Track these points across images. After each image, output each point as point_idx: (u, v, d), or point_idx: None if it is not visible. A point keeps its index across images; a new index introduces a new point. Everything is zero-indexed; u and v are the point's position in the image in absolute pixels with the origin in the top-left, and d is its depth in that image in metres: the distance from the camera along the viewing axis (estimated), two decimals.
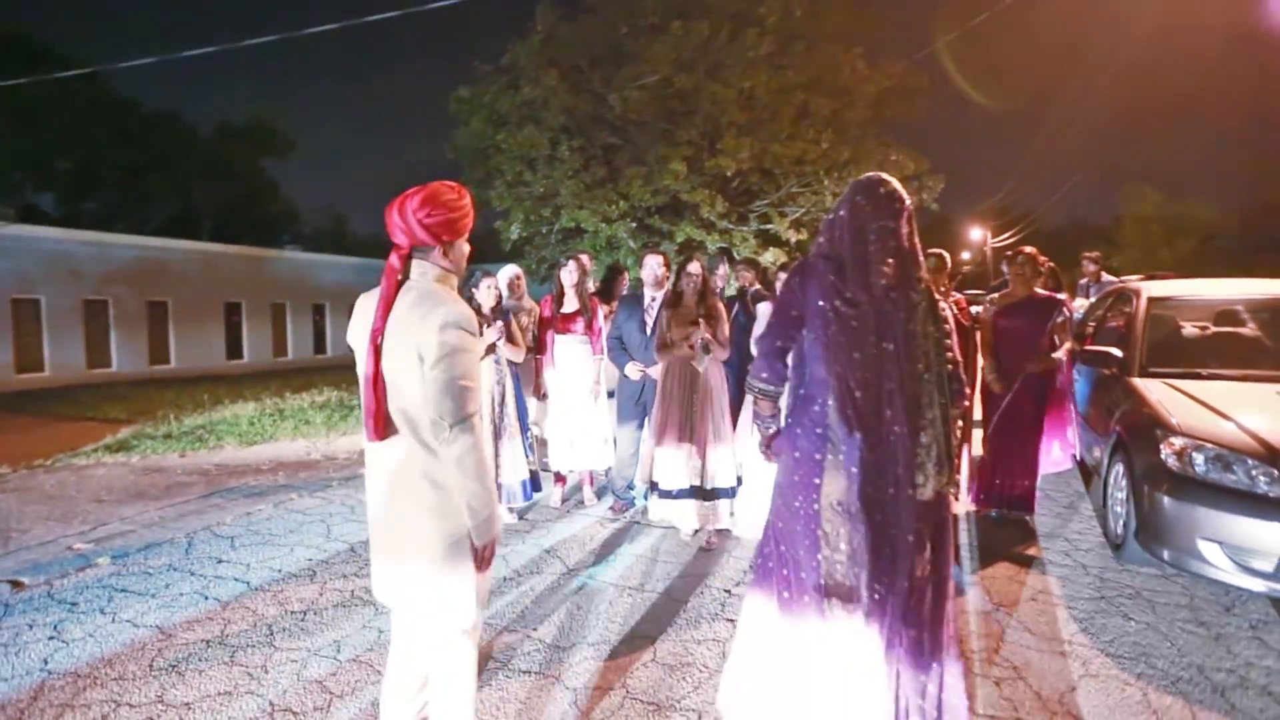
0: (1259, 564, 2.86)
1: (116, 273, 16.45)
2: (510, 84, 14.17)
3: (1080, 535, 4.06)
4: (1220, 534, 2.92)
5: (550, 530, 4.39)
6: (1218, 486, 2.98)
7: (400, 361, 1.79)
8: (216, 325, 18.71)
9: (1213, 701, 2.48)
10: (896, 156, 13.68)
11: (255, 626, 3.21)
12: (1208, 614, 3.12)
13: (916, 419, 1.83)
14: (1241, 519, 2.87)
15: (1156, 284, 4.56)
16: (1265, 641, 2.88)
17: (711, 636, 2.99)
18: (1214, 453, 3.03)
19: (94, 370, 15.96)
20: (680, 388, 3.98)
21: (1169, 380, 3.66)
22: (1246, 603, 3.21)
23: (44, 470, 6.40)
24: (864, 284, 1.87)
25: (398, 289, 1.85)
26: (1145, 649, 2.82)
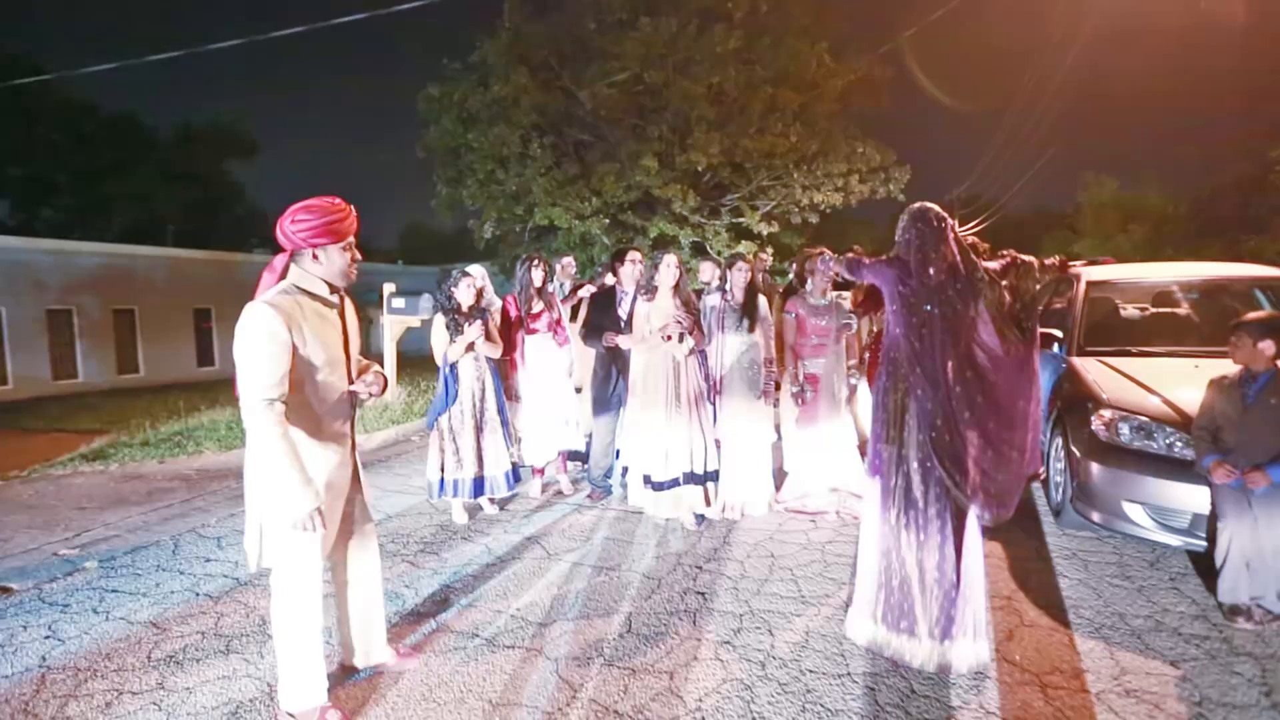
0: (1176, 521, 3.15)
1: (80, 281, 16.19)
2: (480, 82, 14.19)
3: (1024, 504, 4.35)
4: (1143, 496, 3.21)
5: (531, 519, 4.57)
6: (1141, 453, 3.27)
7: None
8: (186, 332, 18.49)
9: (1130, 643, 2.76)
10: (863, 149, 13.99)
11: (248, 617, 3.35)
12: (1134, 569, 3.41)
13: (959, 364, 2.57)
14: (1161, 481, 3.16)
15: (1095, 269, 4.86)
16: (1181, 590, 3.17)
17: (683, 608, 3.21)
18: (1137, 422, 3.31)
19: (59, 382, 15.71)
20: (662, 379, 4.11)
21: (1103, 358, 3.96)
22: (1169, 558, 3.51)
23: (20, 480, 6.41)
24: (922, 279, 2.63)
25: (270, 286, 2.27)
26: (1075, 601, 3.10)
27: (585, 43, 14.22)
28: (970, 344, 2.57)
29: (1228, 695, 2.43)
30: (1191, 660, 2.64)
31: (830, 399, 4.24)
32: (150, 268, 17.74)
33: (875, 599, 2.71)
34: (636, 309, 4.19)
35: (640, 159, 13.27)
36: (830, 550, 3.80)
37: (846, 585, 3.35)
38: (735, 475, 4.29)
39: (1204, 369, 3.53)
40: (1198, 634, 2.82)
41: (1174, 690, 2.46)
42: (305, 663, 2.40)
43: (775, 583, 3.42)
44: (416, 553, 4.07)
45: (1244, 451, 2.80)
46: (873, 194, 14.21)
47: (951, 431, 2.54)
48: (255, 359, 2.14)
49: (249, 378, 2.13)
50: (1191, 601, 3.08)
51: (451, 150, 14.59)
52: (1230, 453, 2.83)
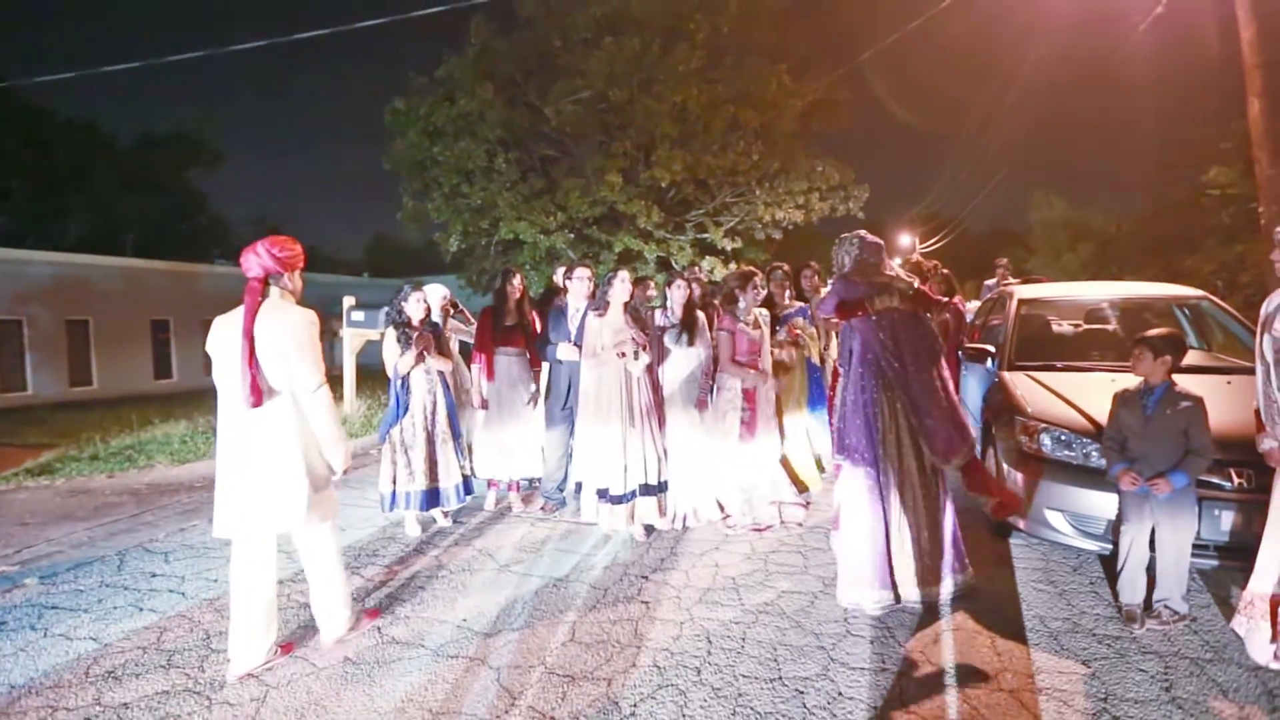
0: (1093, 527, 3.32)
1: (32, 291, 15.77)
2: (446, 96, 14.24)
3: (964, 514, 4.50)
4: (1063, 503, 3.38)
5: (483, 532, 4.61)
6: (1061, 463, 3.45)
7: (273, 345, 2.76)
8: (143, 344, 18.08)
9: (1047, 645, 2.91)
10: (823, 167, 14.32)
11: (192, 632, 3.34)
12: (1057, 574, 3.58)
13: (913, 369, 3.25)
14: (1078, 489, 3.33)
15: (1027, 287, 5.09)
16: (1099, 594, 3.35)
17: (626, 617, 3.28)
18: (1058, 434, 3.49)
19: (7, 394, 15.24)
20: (616, 394, 4.17)
21: (1031, 373, 4.15)
22: (1090, 563, 3.69)
23: None
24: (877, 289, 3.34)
25: (259, 304, 2.81)
26: (999, 605, 3.25)
27: (551, 60, 14.39)
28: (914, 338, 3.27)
29: (1131, 691, 2.58)
30: (1102, 659, 2.79)
31: (765, 414, 4.36)
32: (106, 278, 17.35)
33: (879, 565, 3.19)
34: (588, 324, 4.28)
35: (605, 174, 13.42)
36: (773, 560, 3.91)
37: (786, 593, 3.46)
38: (682, 484, 4.38)
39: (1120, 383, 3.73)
40: (1110, 635, 2.98)
41: (1083, 687, 2.61)
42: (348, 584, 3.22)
43: (717, 591, 3.52)
44: (366, 565, 4.09)
45: (1147, 460, 2.98)
46: (833, 211, 14.54)
47: (916, 406, 3.18)
48: (317, 351, 2.86)
49: (315, 364, 2.85)
50: (1108, 604, 3.24)
51: (417, 164, 14.58)
52: (1136, 461, 3.01)
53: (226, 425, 2.85)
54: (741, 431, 4.29)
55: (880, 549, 3.21)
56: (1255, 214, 9.43)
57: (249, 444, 2.80)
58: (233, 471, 2.85)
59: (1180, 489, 2.91)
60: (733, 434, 4.28)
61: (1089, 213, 24.57)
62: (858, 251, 3.39)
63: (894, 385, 3.25)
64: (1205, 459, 2.94)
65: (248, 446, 2.80)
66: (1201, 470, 2.96)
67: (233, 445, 2.84)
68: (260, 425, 2.78)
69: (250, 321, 2.74)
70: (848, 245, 3.43)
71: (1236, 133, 12.90)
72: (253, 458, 2.80)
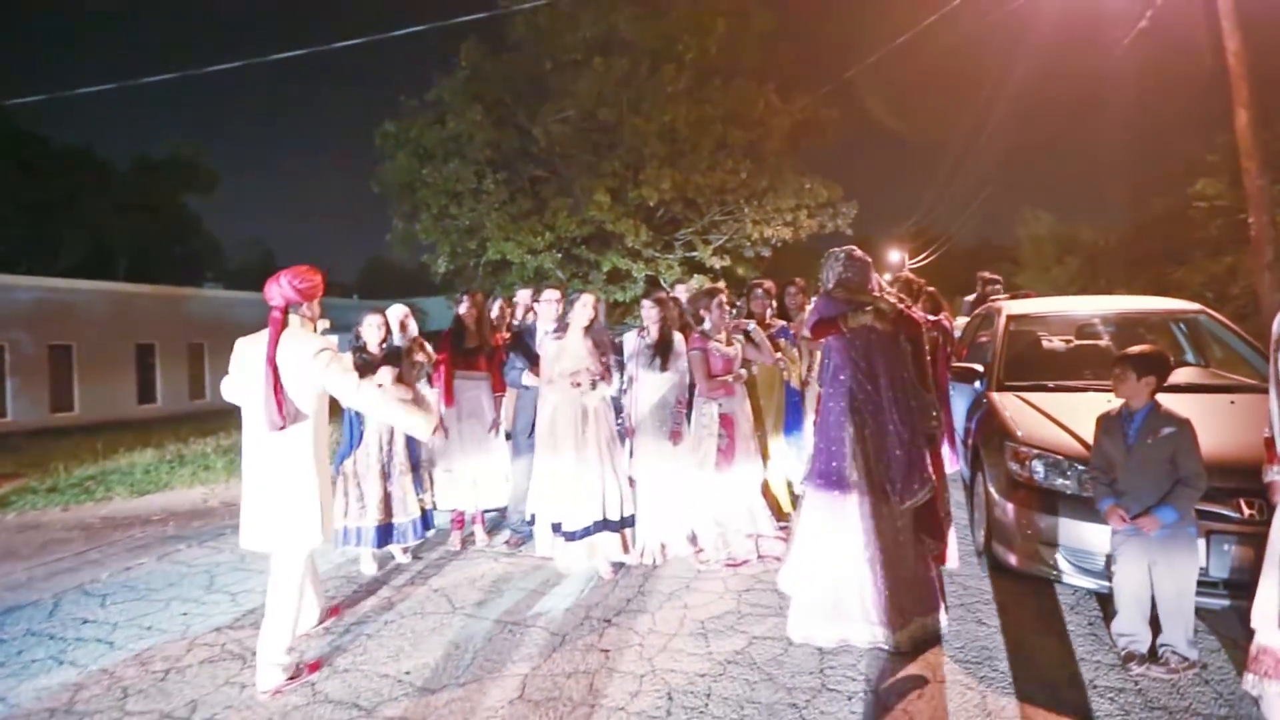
0: (1091, 563, 3.05)
1: (13, 316, 15.54)
2: (436, 119, 14.16)
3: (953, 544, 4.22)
4: (1058, 537, 3.11)
5: (442, 569, 4.32)
6: (1055, 492, 3.18)
7: (293, 371, 2.90)
8: (127, 369, 17.82)
9: (1044, 699, 2.62)
10: (811, 185, 14.21)
11: (109, 690, 3.06)
12: (1053, 615, 3.30)
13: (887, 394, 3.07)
14: (1075, 522, 3.06)
15: (1015, 303, 4.85)
16: (1099, 637, 3.06)
17: (583, 669, 2.99)
18: (1051, 460, 3.23)
19: None
20: (570, 423, 3.94)
21: (1021, 393, 3.90)
22: (1089, 600, 3.40)
23: None
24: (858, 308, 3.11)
25: (280, 334, 2.93)
26: (991, 653, 2.96)
27: (540, 81, 14.34)
28: (890, 361, 3.10)
29: None
30: (1104, 716, 2.51)
31: (744, 441, 4.10)
32: (91, 302, 17.15)
33: (840, 600, 2.99)
34: (544, 347, 4.04)
35: (593, 194, 13.29)
36: (747, 600, 3.62)
37: (758, 640, 3.18)
38: (652, 518, 4.11)
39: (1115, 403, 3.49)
40: (1113, 686, 2.70)
41: None
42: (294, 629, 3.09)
43: (683, 637, 3.23)
44: None
45: (1134, 494, 2.72)
46: (821, 228, 14.41)
47: (883, 433, 3.03)
48: (340, 361, 3.04)
49: (343, 373, 3.00)
50: (1109, 649, 2.96)
51: (406, 185, 14.47)
52: (1124, 494, 2.75)
53: (249, 444, 2.99)
54: (718, 460, 4.02)
55: (838, 581, 3.01)
56: (1244, 225, 9.23)
57: (268, 463, 2.96)
58: (255, 488, 2.98)
59: (1172, 524, 2.64)
60: (709, 462, 4.01)
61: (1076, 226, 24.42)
62: (841, 268, 3.22)
63: (863, 409, 3.04)
64: (1197, 489, 2.68)
65: (267, 465, 2.96)
66: (1194, 501, 2.70)
67: (255, 463, 2.98)
68: (279, 446, 2.93)
69: (273, 350, 2.89)
70: (833, 261, 3.26)
71: (1222, 145, 12.76)
72: (271, 476, 2.96)
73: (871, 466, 3.01)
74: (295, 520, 2.94)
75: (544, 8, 13.36)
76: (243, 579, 4.34)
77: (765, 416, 4.51)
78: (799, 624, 3.10)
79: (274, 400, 2.83)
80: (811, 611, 3.06)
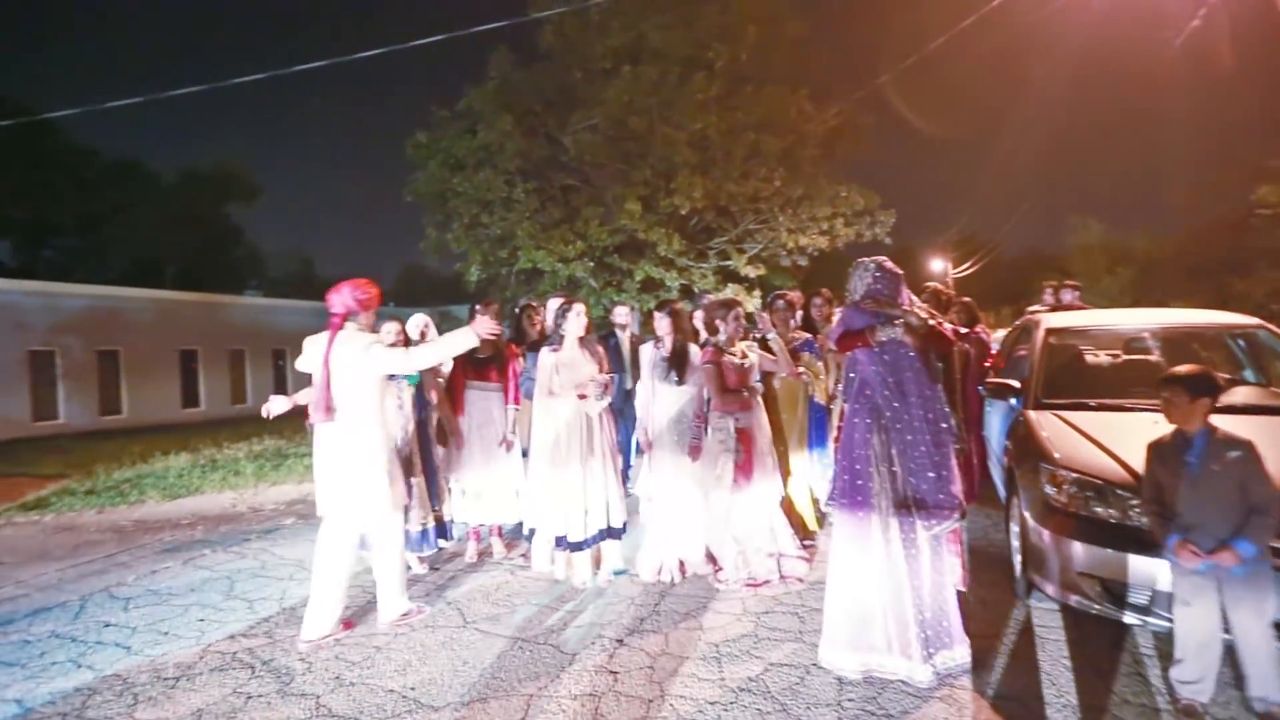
0: (1135, 597, 2.84)
1: (65, 323, 16.13)
2: (467, 129, 14.30)
3: (986, 570, 4.02)
4: (1098, 568, 2.91)
5: (457, 580, 4.27)
6: (1093, 519, 2.98)
7: (347, 369, 3.37)
8: (171, 374, 18.35)
9: None
10: (847, 193, 13.97)
11: (120, 696, 3.06)
12: (1095, 648, 3.08)
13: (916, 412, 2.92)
14: (1116, 553, 2.86)
15: (1055, 315, 4.62)
16: (1144, 677, 2.84)
17: (590, 691, 2.89)
18: (1089, 485, 3.03)
19: (39, 423, 15.52)
20: (576, 436, 3.88)
21: (1060, 412, 3.69)
22: (1135, 636, 3.18)
23: None
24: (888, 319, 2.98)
25: (335, 337, 3.40)
26: (1022, 689, 2.77)
27: (570, 90, 14.39)
28: (919, 378, 2.93)
29: None
30: None
31: (761, 456, 3.96)
32: (137, 309, 17.71)
33: (866, 627, 2.85)
34: (541, 360, 3.96)
35: (624, 203, 13.25)
36: (765, 622, 3.48)
37: (774, 667, 3.04)
38: (670, 534, 3.99)
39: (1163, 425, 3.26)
40: None
41: None
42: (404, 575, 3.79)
43: (696, 661, 3.11)
44: None
45: (1202, 528, 2.47)
46: (859, 237, 14.14)
47: (909, 455, 2.87)
48: (387, 352, 3.45)
49: (390, 355, 3.44)
50: (1155, 690, 2.75)
51: (438, 195, 14.62)
52: (1190, 529, 2.51)
53: (322, 429, 3.45)
54: (736, 476, 3.89)
55: (864, 608, 2.86)
56: None
57: (340, 446, 3.41)
58: (329, 468, 3.45)
59: (1252, 559, 2.41)
60: (726, 479, 3.88)
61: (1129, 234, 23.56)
62: (871, 279, 3.06)
63: (889, 427, 2.89)
64: (1273, 517, 2.44)
65: (342, 448, 3.41)
66: (1271, 532, 2.43)
67: (328, 446, 3.44)
68: (349, 431, 3.40)
69: (329, 351, 3.37)
70: (861, 271, 3.10)
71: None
72: (346, 458, 3.41)
73: (898, 487, 2.86)
74: (369, 493, 3.41)
75: (573, 17, 13.43)
76: (261, 586, 4.35)
77: (787, 431, 4.37)
78: (826, 648, 2.96)
79: (324, 394, 3.34)
80: (837, 637, 2.92)
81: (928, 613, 2.82)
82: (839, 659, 2.90)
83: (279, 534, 5.58)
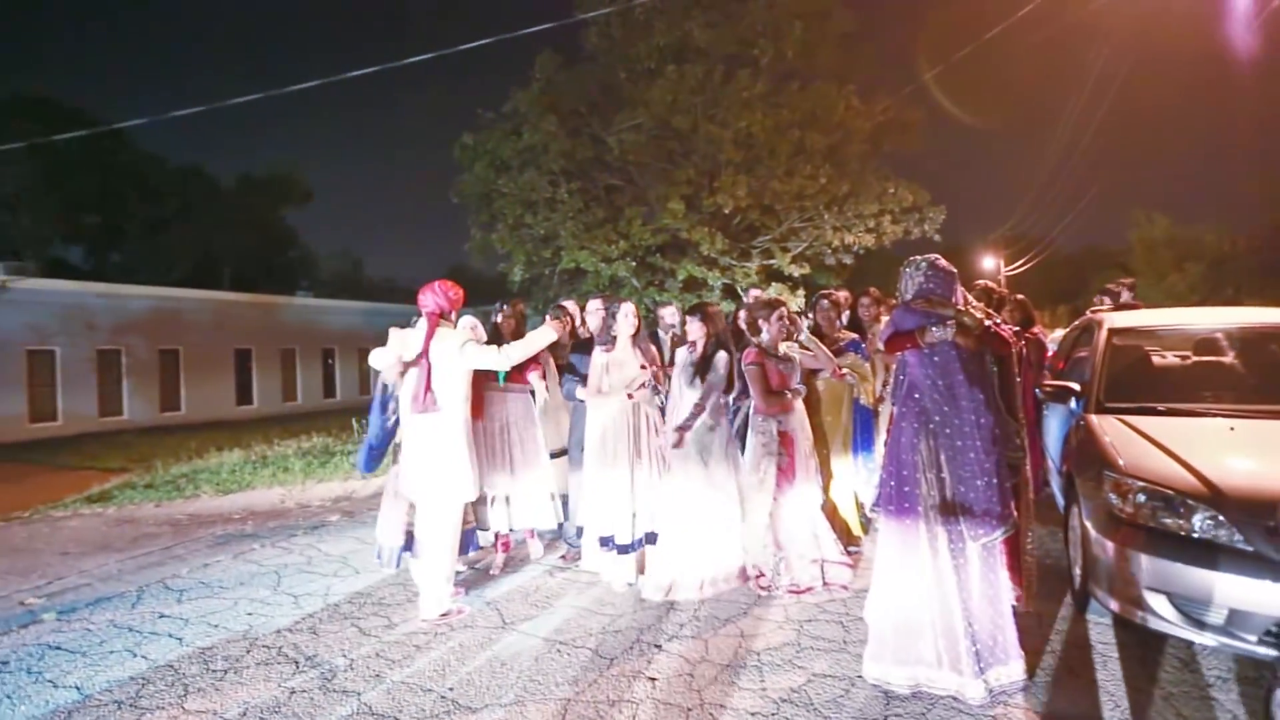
0: (1210, 616, 2.66)
1: (130, 323, 16.87)
2: (512, 130, 14.45)
3: (1044, 581, 3.82)
4: (1167, 583, 2.73)
5: (497, 580, 4.28)
6: (1163, 532, 2.80)
7: (443, 364, 3.57)
8: (227, 372, 19.03)
9: None
10: (895, 189, 13.66)
11: (172, 686, 3.14)
12: (1164, 669, 2.90)
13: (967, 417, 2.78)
14: (1188, 567, 2.68)
15: (1119, 315, 4.39)
16: (1219, 702, 2.65)
17: (628, 698, 2.85)
18: (1158, 494, 2.85)
19: (105, 419, 16.26)
20: (625, 437, 3.84)
21: (1124, 416, 3.49)
22: (1208, 657, 2.98)
23: (20, 522, 6.45)
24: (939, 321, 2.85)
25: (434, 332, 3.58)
26: (1085, 710, 2.62)
27: (614, 91, 14.40)
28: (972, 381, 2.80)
29: None
30: None
31: (804, 459, 3.84)
32: (196, 310, 18.41)
33: (914, 640, 2.74)
34: (594, 360, 3.93)
35: (668, 202, 13.20)
36: (808, 631, 3.38)
37: (818, 678, 2.94)
38: (684, 549, 3.81)
39: (1240, 431, 3.06)
40: None
41: None
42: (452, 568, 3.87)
43: (736, 669, 3.03)
44: (370, 614, 3.83)
45: None
46: (907, 235, 13.80)
47: (958, 461, 2.74)
48: (479, 348, 3.67)
49: (483, 351, 3.66)
50: (1234, 717, 2.57)
51: (484, 196, 14.81)
52: None
53: (412, 419, 3.63)
54: (778, 480, 3.79)
55: (911, 619, 2.75)
56: None
57: (430, 434, 3.59)
58: (416, 454, 3.63)
59: None
60: (769, 483, 3.78)
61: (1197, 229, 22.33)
62: (922, 278, 2.93)
63: (938, 433, 2.77)
64: None
65: (429, 436, 3.60)
66: None
67: (417, 433, 3.63)
68: (438, 421, 3.58)
69: (428, 343, 3.55)
70: (913, 270, 2.98)
71: None
72: (433, 444, 3.59)
73: (946, 495, 2.74)
74: (453, 479, 3.60)
75: (618, 17, 13.43)
76: (306, 581, 4.43)
77: (831, 435, 4.25)
78: (872, 661, 2.85)
79: (425, 386, 3.51)
80: (884, 649, 2.82)
81: (978, 625, 2.70)
82: (886, 672, 2.79)
83: (324, 530, 5.70)
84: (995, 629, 2.70)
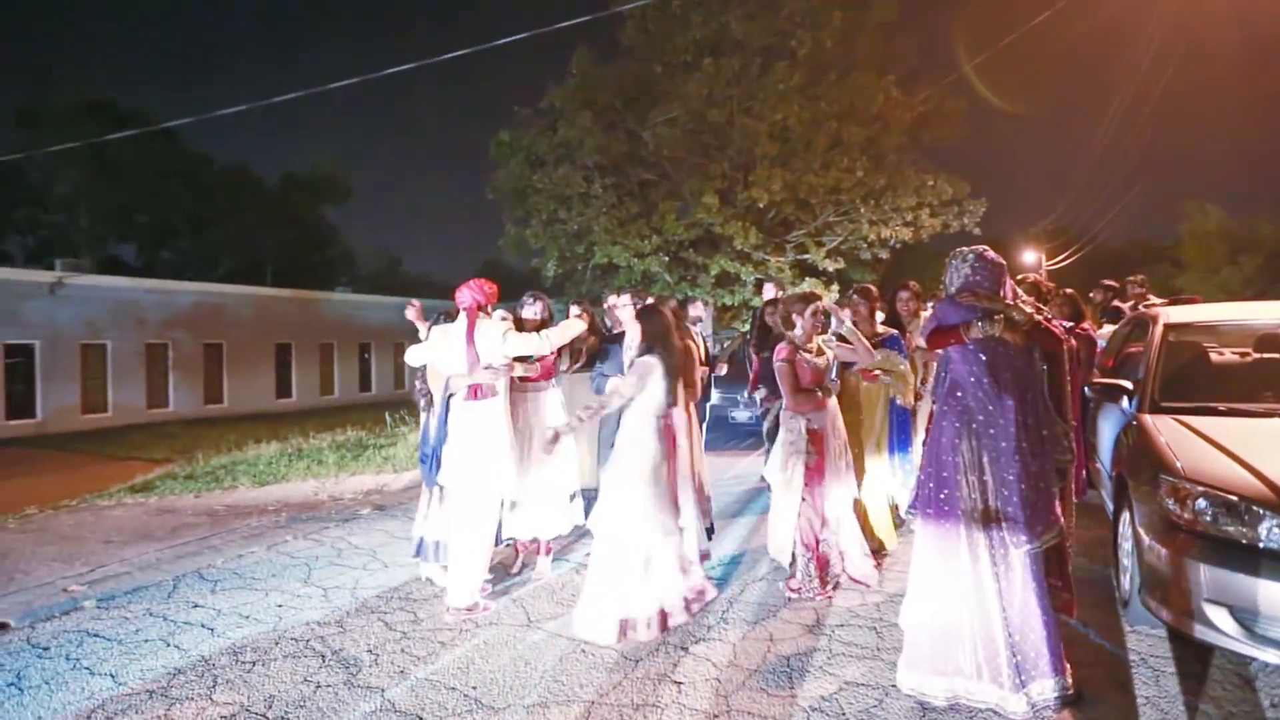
0: (1275, 631, 2.48)
1: (177, 318, 17.38)
2: (548, 126, 14.47)
3: (1089, 589, 3.64)
4: (1228, 595, 2.55)
5: (523, 577, 4.25)
6: (1225, 540, 2.62)
7: (487, 353, 3.69)
8: (267, 366, 19.50)
9: None
10: (934, 182, 13.34)
11: (202, 677, 3.17)
12: (1221, 688, 2.72)
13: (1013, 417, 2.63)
14: (1252, 578, 2.50)
15: (1175, 309, 4.16)
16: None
17: (653, 701, 2.78)
18: (1222, 501, 2.67)
19: (153, 410, 16.79)
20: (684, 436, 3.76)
21: (1182, 417, 3.29)
22: (1271, 674, 2.79)
23: (67, 511, 6.65)
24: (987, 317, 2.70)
25: (475, 322, 3.72)
26: None
27: (649, 85, 14.30)
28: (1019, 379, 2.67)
29: None
30: None
31: (833, 459, 3.72)
32: (238, 305, 18.89)
33: (952, 649, 2.63)
34: (628, 357, 3.86)
35: (701, 196, 13.08)
36: (840, 636, 3.26)
37: (849, 686, 2.83)
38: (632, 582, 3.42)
39: None
40: None
41: None
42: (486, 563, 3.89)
43: (765, 674, 2.94)
44: (396, 609, 3.83)
45: None
46: (945, 228, 13.44)
47: (1001, 464, 2.61)
48: (519, 336, 3.78)
49: (522, 338, 3.76)
50: None
51: (519, 192, 14.85)
52: None
53: (454, 410, 3.75)
54: (807, 478, 3.68)
55: (949, 628, 2.62)
56: None
57: (475, 426, 3.69)
58: (461, 444, 3.69)
59: None
60: (797, 482, 3.67)
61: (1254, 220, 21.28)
62: (969, 270, 2.76)
63: (981, 433, 2.63)
64: None
65: (471, 427, 3.69)
66: None
67: (462, 424, 3.72)
68: (480, 413, 3.69)
69: (471, 331, 3.68)
70: (959, 262, 2.81)
71: None
72: (475, 436, 3.68)
73: (988, 499, 2.61)
74: (496, 470, 3.67)
75: (654, 10, 13.31)
76: (336, 574, 4.46)
77: (865, 435, 4.11)
78: (908, 670, 2.73)
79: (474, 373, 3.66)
80: (919, 658, 2.70)
81: (1018, 636, 2.56)
82: (921, 682, 2.67)
83: (355, 524, 5.74)
84: (1038, 640, 2.56)
